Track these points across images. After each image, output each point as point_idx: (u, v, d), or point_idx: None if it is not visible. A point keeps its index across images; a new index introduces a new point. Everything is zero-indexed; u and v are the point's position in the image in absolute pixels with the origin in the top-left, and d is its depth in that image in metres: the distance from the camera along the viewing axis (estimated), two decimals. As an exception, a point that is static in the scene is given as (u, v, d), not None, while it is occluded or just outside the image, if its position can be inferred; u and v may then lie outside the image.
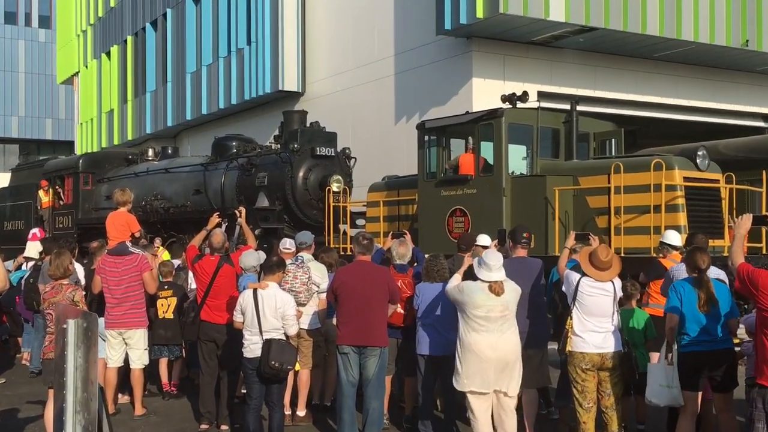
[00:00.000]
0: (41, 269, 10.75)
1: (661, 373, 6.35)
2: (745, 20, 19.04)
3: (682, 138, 19.10)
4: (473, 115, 12.37)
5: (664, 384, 6.30)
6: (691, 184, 10.58)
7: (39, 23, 59.52)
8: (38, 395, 9.30)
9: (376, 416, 7.26)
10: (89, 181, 19.56)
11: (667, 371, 6.31)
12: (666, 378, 6.30)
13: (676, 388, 6.24)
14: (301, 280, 8.04)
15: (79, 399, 3.24)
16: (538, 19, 16.49)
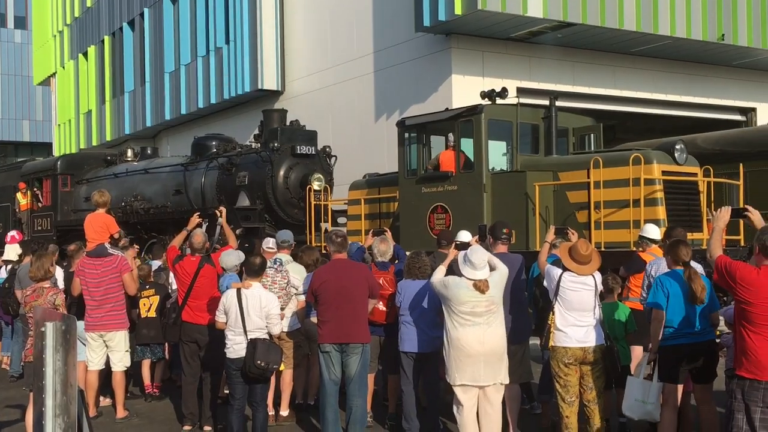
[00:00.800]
0: (17, 273, 10.68)
1: (639, 388, 6.43)
2: (721, 14, 19.19)
3: (661, 132, 19.29)
4: (453, 112, 12.39)
5: (640, 399, 6.39)
6: (669, 178, 10.65)
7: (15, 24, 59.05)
8: (19, 399, 9.24)
9: (360, 414, 7.27)
10: (68, 183, 19.45)
11: (644, 386, 6.39)
12: (642, 393, 6.38)
13: (652, 405, 6.32)
14: (279, 285, 8.04)
15: (58, 402, 3.22)
16: (516, 15, 16.53)
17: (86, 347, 8.53)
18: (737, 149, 14.71)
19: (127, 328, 8.83)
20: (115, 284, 8.58)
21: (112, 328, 8.59)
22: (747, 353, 5.02)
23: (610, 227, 10.59)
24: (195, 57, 26.71)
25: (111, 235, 10.62)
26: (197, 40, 26.62)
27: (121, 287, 8.64)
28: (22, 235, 18.85)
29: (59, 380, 3.23)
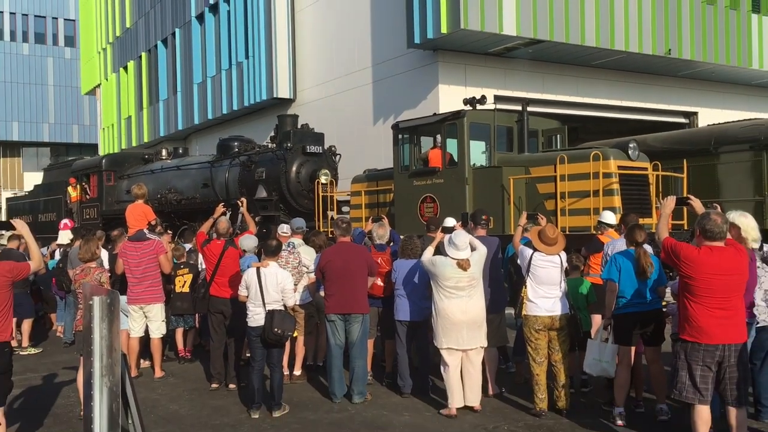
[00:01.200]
0: (69, 255, 10.68)
1: (596, 349, 6.48)
2: (668, 32, 19.13)
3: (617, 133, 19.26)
4: (440, 116, 12.37)
5: (597, 358, 6.43)
6: (624, 171, 10.65)
7: (65, 42, 58.71)
8: (71, 362, 9.26)
9: (361, 373, 7.30)
10: (111, 178, 19.40)
11: (600, 347, 6.44)
12: (599, 353, 6.42)
13: (607, 363, 6.36)
14: (292, 264, 8.04)
15: (104, 364, 3.22)
16: (493, 34, 16.48)
17: (128, 318, 8.54)
18: (682, 147, 14.70)
19: (163, 301, 8.83)
20: (153, 264, 8.58)
21: (150, 301, 8.61)
22: (689, 320, 5.04)
23: (573, 214, 10.60)
24: (219, 70, 26.61)
25: (149, 222, 10.63)
26: (221, 56, 26.51)
27: (158, 266, 8.64)
28: (74, 222, 18.84)
29: (105, 345, 3.23)
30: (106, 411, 3.22)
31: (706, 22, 19.96)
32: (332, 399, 7.26)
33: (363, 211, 13.79)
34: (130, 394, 3.63)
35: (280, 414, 6.84)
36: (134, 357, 8.62)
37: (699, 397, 5.02)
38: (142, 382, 8.23)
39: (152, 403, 7.40)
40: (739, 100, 22.62)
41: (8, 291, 5.59)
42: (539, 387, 6.65)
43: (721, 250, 5.00)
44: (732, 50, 20.42)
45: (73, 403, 7.45)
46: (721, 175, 14.13)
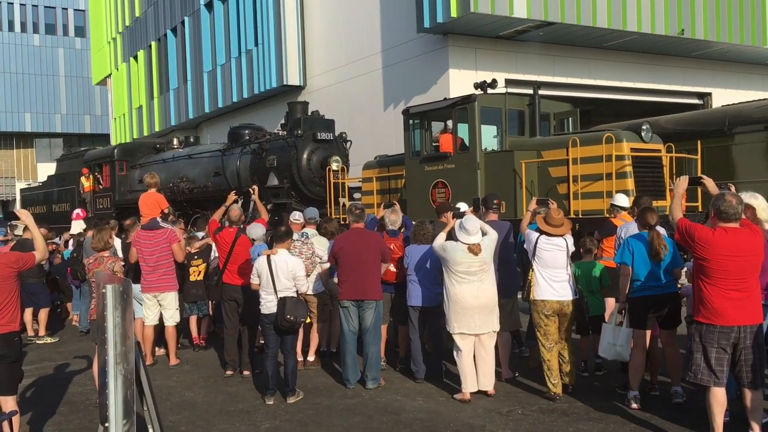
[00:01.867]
0: (83, 244, 10.75)
1: (610, 333, 6.49)
2: (681, 12, 18.92)
3: (629, 115, 19.12)
4: (450, 101, 12.29)
5: (612, 342, 6.44)
6: (637, 154, 10.56)
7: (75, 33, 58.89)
8: (87, 351, 9.35)
9: (375, 359, 7.32)
10: (124, 168, 19.48)
11: (615, 332, 6.44)
12: (614, 337, 6.44)
13: (621, 347, 6.37)
14: (305, 255, 8.02)
15: (118, 352, 3.24)
16: (503, 17, 16.34)
17: (142, 306, 8.60)
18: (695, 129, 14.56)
19: (177, 289, 8.87)
20: (166, 252, 8.61)
21: (165, 289, 8.65)
22: (704, 302, 5.01)
23: (586, 197, 10.54)
24: (229, 58, 26.59)
25: (162, 211, 10.67)
26: (230, 44, 26.49)
27: (171, 255, 8.67)
28: (86, 212, 18.97)
29: (119, 333, 3.25)
30: (120, 398, 3.25)
31: (720, 1, 19.71)
32: (346, 385, 7.29)
33: (375, 197, 13.77)
34: (145, 381, 3.66)
35: (295, 400, 6.88)
36: (149, 345, 8.68)
37: (714, 380, 5.00)
38: (157, 370, 8.30)
39: (167, 390, 7.46)
40: (753, 80, 22.37)
41: (14, 281, 5.64)
42: (552, 372, 6.66)
43: (735, 231, 4.95)
44: (746, 30, 20.17)
45: (89, 390, 7.52)
46: (736, 156, 14.00)
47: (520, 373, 7.46)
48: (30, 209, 23.09)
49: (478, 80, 12.07)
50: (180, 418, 6.53)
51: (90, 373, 7.87)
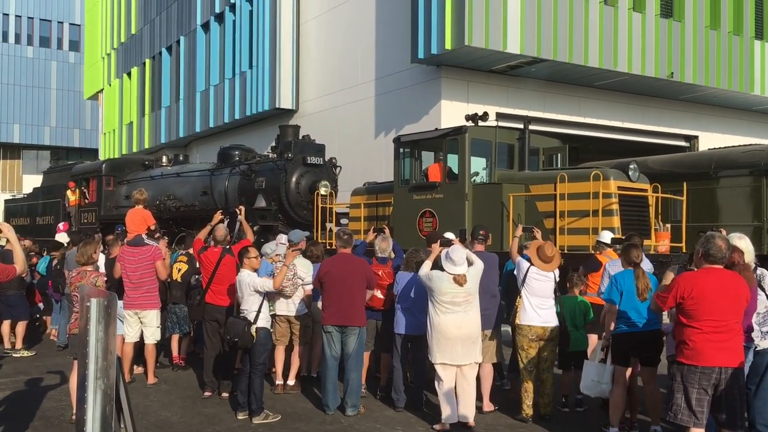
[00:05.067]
0: (66, 257, 10.66)
1: (594, 370, 6.57)
2: (671, 55, 19.24)
3: (617, 154, 19.32)
4: (442, 132, 12.39)
5: (596, 380, 6.51)
6: (623, 192, 10.66)
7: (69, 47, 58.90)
8: (64, 366, 9.22)
9: (356, 386, 7.28)
10: (111, 183, 19.38)
11: (599, 369, 6.51)
12: (597, 375, 6.50)
13: (606, 384, 6.45)
14: (286, 276, 7.99)
15: (99, 367, 3.20)
16: (497, 51, 16.55)
17: (124, 323, 8.52)
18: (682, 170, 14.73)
19: (159, 307, 8.80)
20: (149, 270, 8.55)
21: (147, 307, 8.58)
22: (686, 342, 5.03)
23: (572, 233, 10.60)
24: (223, 79, 26.69)
25: (148, 227, 10.62)
26: (225, 65, 26.60)
27: (155, 272, 8.61)
28: (68, 225, 18.83)
29: (101, 348, 3.22)
30: (99, 414, 3.21)
31: (709, 46, 20.07)
32: (325, 410, 7.23)
33: (362, 223, 13.78)
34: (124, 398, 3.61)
35: (261, 421, 6.87)
36: (128, 362, 8.58)
37: (694, 420, 5.00)
38: (134, 388, 8.19)
39: (144, 409, 7.36)
40: (739, 125, 22.70)
41: None
42: (527, 394, 6.92)
43: (718, 272, 5.00)
44: (734, 75, 20.53)
45: (65, 406, 7.41)
46: (721, 199, 14.16)
47: (500, 406, 7.43)
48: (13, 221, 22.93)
49: (469, 112, 12.18)
50: (155, 437, 6.44)
51: (66, 389, 7.76)
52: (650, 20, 18.95)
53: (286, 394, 8.03)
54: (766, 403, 6.19)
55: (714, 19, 20.26)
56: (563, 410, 7.40)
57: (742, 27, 20.80)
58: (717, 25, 20.27)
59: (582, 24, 17.64)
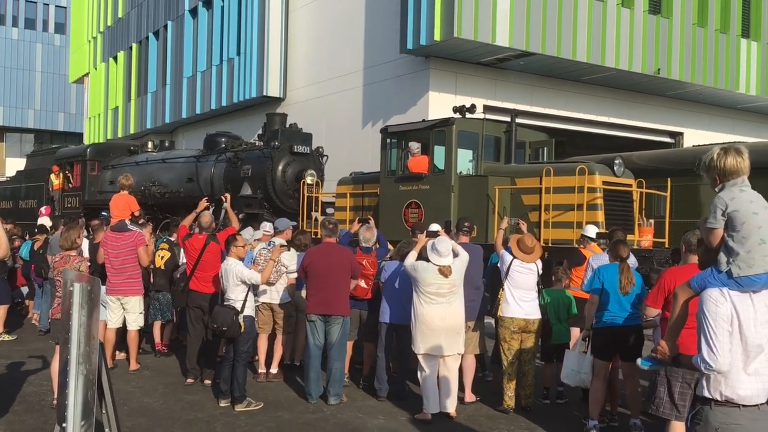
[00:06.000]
0: (50, 241, 10.58)
1: (574, 360, 6.62)
2: (658, 52, 19.32)
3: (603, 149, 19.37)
4: (429, 123, 12.38)
5: (576, 369, 6.56)
6: (608, 187, 10.71)
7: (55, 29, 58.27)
8: (45, 350, 9.16)
9: (338, 375, 7.29)
10: (95, 168, 19.22)
11: (579, 359, 6.56)
12: (578, 364, 6.54)
13: (585, 374, 6.50)
14: None
15: (82, 352, 3.18)
16: (486, 44, 16.54)
17: (106, 308, 8.47)
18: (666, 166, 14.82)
19: (142, 294, 8.76)
20: (132, 256, 8.52)
21: (129, 293, 8.54)
22: (669, 336, 5.05)
23: (557, 226, 10.65)
24: (210, 65, 26.50)
25: (132, 213, 10.54)
26: (212, 51, 26.41)
27: (137, 258, 8.57)
28: (50, 209, 18.67)
29: (83, 333, 3.20)
30: (81, 399, 3.19)
31: (696, 44, 20.18)
32: (308, 399, 7.24)
33: (347, 213, 13.75)
34: (106, 384, 3.60)
35: (243, 409, 6.87)
36: (110, 348, 8.53)
37: (676, 414, 5.05)
38: (116, 374, 8.14)
39: (126, 395, 7.33)
40: (724, 123, 22.87)
41: None
42: (509, 386, 6.98)
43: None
44: (720, 73, 20.66)
45: (46, 391, 7.36)
46: (704, 196, 14.26)
47: (482, 397, 7.46)
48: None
49: (457, 104, 12.16)
50: (137, 423, 6.41)
51: (47, 374, 7.70)
52: (638, 16, 19.01)
53: (269, 383, 8.02)
54: (744, 397, 6.26)
55: (702, 16, 20.36)
56: (544, 402, 7.45)
57: (729, 25, 20.92)
58: (704, 22, 20.37)
59: (571, 18, 17.67)
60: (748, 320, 3.34)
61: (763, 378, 3.37)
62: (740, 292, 3.40)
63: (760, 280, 3.39)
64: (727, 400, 3.36)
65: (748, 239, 3.40)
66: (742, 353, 3.35)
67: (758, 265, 3.38)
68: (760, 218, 3.41)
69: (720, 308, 3.36)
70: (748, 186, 3.53)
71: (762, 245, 3.40)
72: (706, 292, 3.45)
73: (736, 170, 3.49)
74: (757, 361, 3.35)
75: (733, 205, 3.42)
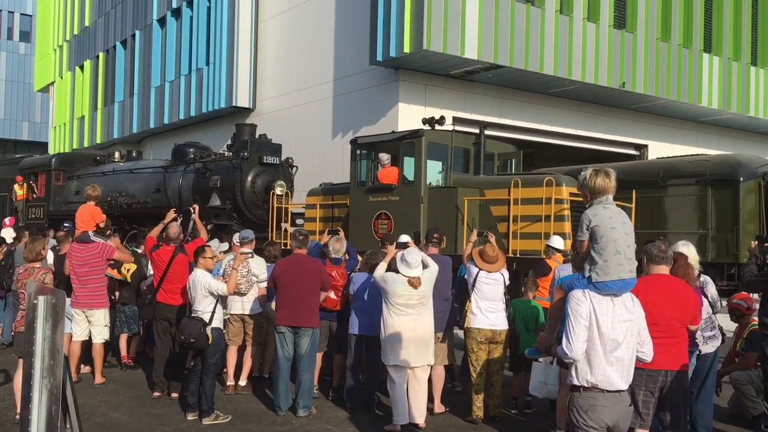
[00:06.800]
0: (14, 254, 10.38)
1: (541, 372, 6.67)
2: (623, 65, 19.67)
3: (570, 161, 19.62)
4: (398, 134, 12.43)
5: (543, 380, 6.61)
6: (575, 198, 10.82)
7: (20, 37, 57.39)
8: (7, 364, 8.96)
9: (308, 387, 7.26)
10: (60, 178, 18.94)
11: (545, 370, 6.60)
12: (544, 376, 6.59)
13: (552, 385, 6.55)
14: (241, 273, 7.92)
15: (46, 366, 3.13)
16: (455, 56, 16.69)
17: (72, 321, 8.33)
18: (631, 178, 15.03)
19: (107, 306, 8.63)
20: (97, 267, 8.38)
21: (94, 306, 8.41)
22: (633, 346, 5.14)
23: (524, 237, 10.74)
24: (178, 75, 26.31)
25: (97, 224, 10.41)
26: (181, 61, 26.24)
27: (101, 271, 8.44)
28: (14, 220, 18.33)
29: (47, 346, 3.14)
30: (44, 414, 3.13)
31: (660, 58, 20.58)
32: (277, 411, 7.19)
33: (317, 224, 13.72)
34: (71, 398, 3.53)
35: (211, 422, 6.81)
36: (75, 362, 8.39)
37: (640, 422, 5.11)
38: (81, 388, 8.00)
39: (91, 409, 7.21)
40: (687, 136, 23.33)
41: None
42: (477, 396, 7.02)
43: (664, 278, 5.12)
44: (683, 87, 21.09)
45: (8, 405, 7.21)
46: (668, 207, 14.52)
47: (451, 407, 7.48)
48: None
49: (426, 116, 12.25)
50: (102, 438, 6.31)
51: (9, 388, 7.54)
52: (604, 30, 19.35)
53: (237, 395, 7.95)
54: (707, 406, 6.38)
55: (665, 31, 20.79)
56: (513, 412, 7.49)
57: (692, 40, 21.39)
58: (668, 37, 20.80)
59: (538, 32, 17.91)
60: (605, 318, 3.94)
61: (623, 368, 3.97)
62: (601, 295, 3.96)
63: (615, 286, 3.97)
64: (592, 386, 3.97)
65: (606, 250, 3.98)
66: (600, 346, 3.94)
67: (613, 273, 3.95)
68: (617, 232, 4.00)
69: (580, 307, 3.96)
70: (612, 204, 4.10)
71: (617, 256, 3.97)
72: (572, 292, 4.05)
73: (604, 189, 4.13)
74: (615, 353, 3.93)
75: (595, 221, 4.05)
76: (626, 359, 4.00)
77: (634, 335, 4.05)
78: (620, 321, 3.97)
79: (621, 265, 3.98)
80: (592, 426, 3.98)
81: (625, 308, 4.02)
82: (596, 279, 3.99)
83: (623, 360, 3.98)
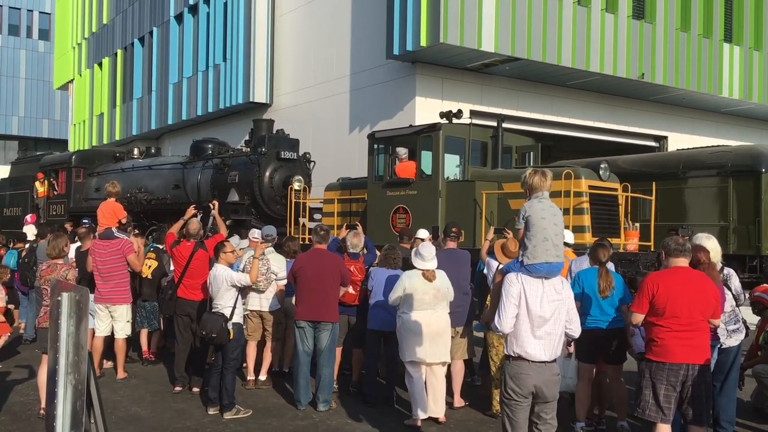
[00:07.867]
0: (36, 250, 10.50)
1: (559, 365, 6.56)
2: (642, 56, 19.49)
3: (588, 153, 19.54)
4: (416, 128, 12.41)
5: (561, 374, 6.52)
6: (594, 191, 10.78)
7: (39, 36, 57.96)
8: (32, 360, 9.09)
9: (328, 381, 7.28)
10: (81, 175, 19.10)
11: (563, 364, 6.53)
12: (562, 369, 6.52)
13: (570, 378, 6.53)
14: (260, 270, 7.96)
15: (70, 361, 3.17)
16: (472, 49, 16.62)
17: (94, 317, 8.43)
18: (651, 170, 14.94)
19: (130, 302, 8.71)
20: (119, 264, 8.47)
21: (117, 302, 8.49)
22: (654, 340, 5.11)
23: (543, 231, 10.66)
24: (196, 71, 26.45)
25: (119, 221, 10.50)
26: (198, 57, 26.36)
27: (125, 267, 8.53)
28: (35, 217, 18.53)
29: (71, 342, 3.18)
30: (69, 409, 3.17)
31: (680, 48, 20.37)
32: (297, 406, 7.23)
33: (335, 219, 13.76)
34: (95, 393, 3.58)
35: (232, 416, 6.85)
36: (98, 357, 8.48)
37: (661, 416, 5.09)
38: (104, 383, 8.09)
39: (113, 404, 7.29)
40: (707, 127, 23.09)
41: None
42: (497, 390, 6.84)
43: (685, 271, 5.09)
44: (703, 77, 20.86)
45: (32, 401, 7.31)
46: (688, 199, 14.40)
47: (471, 402, 7.48)
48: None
49: (443, 109, 12.20)
50: (125, 433, 6.38)
51: (34, 383, 7.65)
52: (622, 21, 19.17)
53: (258, 390, 8.00)
54: (730, 400, 6.33)
55: (685, 21, 20.56)
56: (533, 406, 7.46)
57: (712, 30, 21.14)
58: (687, 27, 20.58)
59: (556, 24, 17.79)
60: (534, 298, 4.48)
61: (549, 342, 4.52)
62: (532, 277, 4.49)
63: (543, 269, 4.50)
64: (519, 356, 4.53)
65: (535, 236, 4.53)
66: (528, 322, 4.48)
67: (539, 257, 4.49)
68: (546, 222, 4.60)
69: (512, 287, 4.51)
70: (547, 199, 4.76)
71: (545, 242, 4.52)
72: (507, 275, 4.60)
73: (539, 186, 4.78)
74: (542, 329, 4.49)
75: (529, 212, 4.65)
76: (555, 334, 4.53)
77: (562, 314, 4.57)
78: (549, 301, 4.49)
79: (548, 251, 4.50)
80: (517, 390, 4.55)
81: (554, 290, 4.53)
82: (527, 262, 4.51)
83: (552, 334, 4.52)
